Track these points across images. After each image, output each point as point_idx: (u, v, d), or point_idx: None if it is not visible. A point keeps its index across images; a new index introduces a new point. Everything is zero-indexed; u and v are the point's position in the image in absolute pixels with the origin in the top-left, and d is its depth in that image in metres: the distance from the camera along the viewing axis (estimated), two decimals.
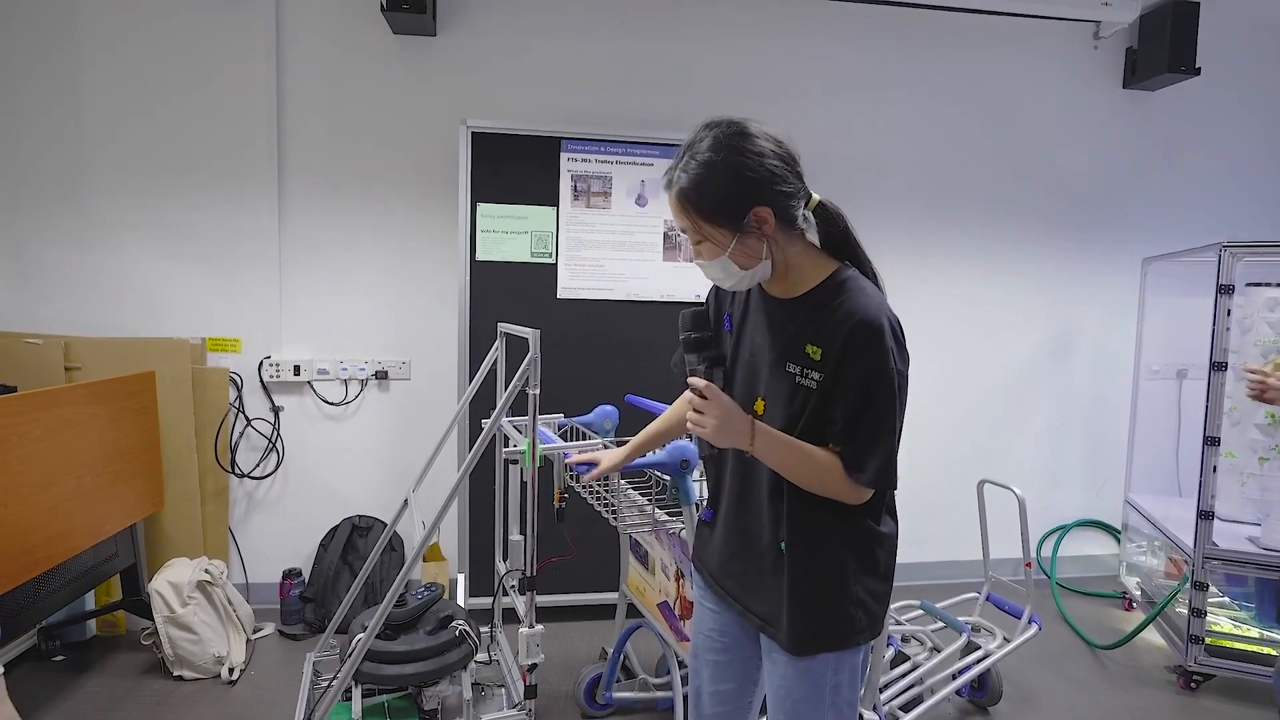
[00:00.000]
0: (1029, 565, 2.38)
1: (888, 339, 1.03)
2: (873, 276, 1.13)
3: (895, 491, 1.14)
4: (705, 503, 1.33)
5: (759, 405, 1.16)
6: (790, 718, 1.18)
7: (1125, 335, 3.35)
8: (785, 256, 1.11)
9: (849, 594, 1.13)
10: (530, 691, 1.73)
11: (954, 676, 2.21)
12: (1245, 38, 3.43)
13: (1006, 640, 2.33)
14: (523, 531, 1.81)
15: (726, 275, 1.12)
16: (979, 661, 2.25)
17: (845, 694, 1.18)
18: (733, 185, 1.05)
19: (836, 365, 1.05)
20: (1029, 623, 2.33)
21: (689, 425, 1.10)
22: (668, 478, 1.69)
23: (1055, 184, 3.40)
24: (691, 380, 1.09)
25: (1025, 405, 3.47)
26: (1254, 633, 2.59)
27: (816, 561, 1.12)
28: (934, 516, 3.33)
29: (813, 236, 1.15)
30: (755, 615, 1.20)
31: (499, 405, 1.76)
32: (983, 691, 2.35)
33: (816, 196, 1.12)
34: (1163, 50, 3.15)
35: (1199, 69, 3.13)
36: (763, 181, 1.05)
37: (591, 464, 1.58)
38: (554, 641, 2.63)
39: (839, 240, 1.14)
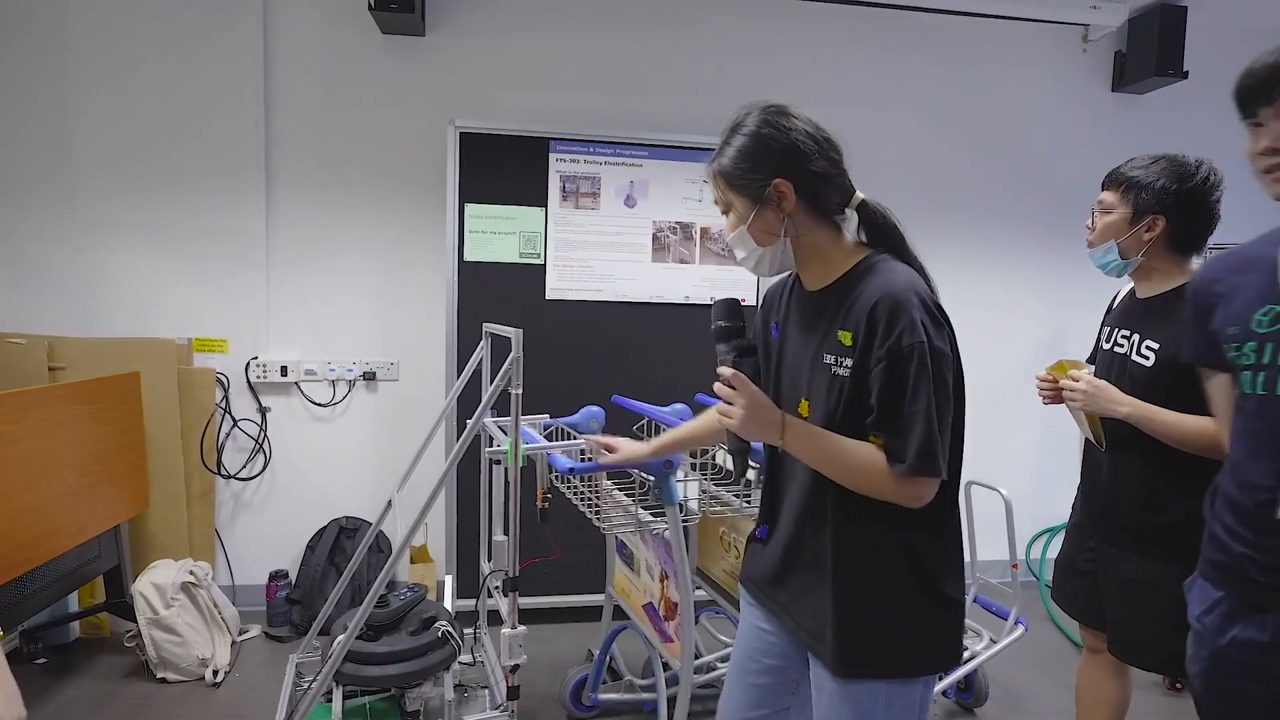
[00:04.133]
0: (1015, 566, 2.38)
1: (916, 313, 0.98)
2: (919, 269, 1.09)
3: (954, 492, 1.06)
4: (759, 519, 1.27)
5: (803, 406, 1.11)
6: None
7: None
8: (813, 242, 1.10)
9: (902, 617, 1.05)
10: (513, 692, 1.72)
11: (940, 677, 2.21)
12: (1232, 42, 3.44)
13: (993, 641, 2.33)
14: (506, 532, 1.80)
15: (746, 252, 1.12)
16: (966, 662, 2.25)
17: None
18: (756, 153, 1.08)
19: (865, 347, 1.00)
20: (1015, 624, 2.33)
21: (718, 417, 1.08)
22: (651, 478, 1.69)
23: (1046, 186, 3.41)
24: (720, 370, 1.05)
25: (1017, 408, 3.47)
26: None
27: (865, 575, 1.05)
28: None
29: (852, 233, 1.14)
30: (804, 630, 1.12)
31: (481, 404, 1.75)
32: (969, 692, 2.35)
33: (861, 195, 1.12)
34: (1150, 54, 3.16)
35: (1186, 72, 3.15)
36: (786, 153, 1.07)
37: (606, 450, 1.57)
38: (541, 643, 2.62)
39: (883, 235, 1.11)
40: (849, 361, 1.03)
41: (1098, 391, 1.53)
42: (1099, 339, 1.74)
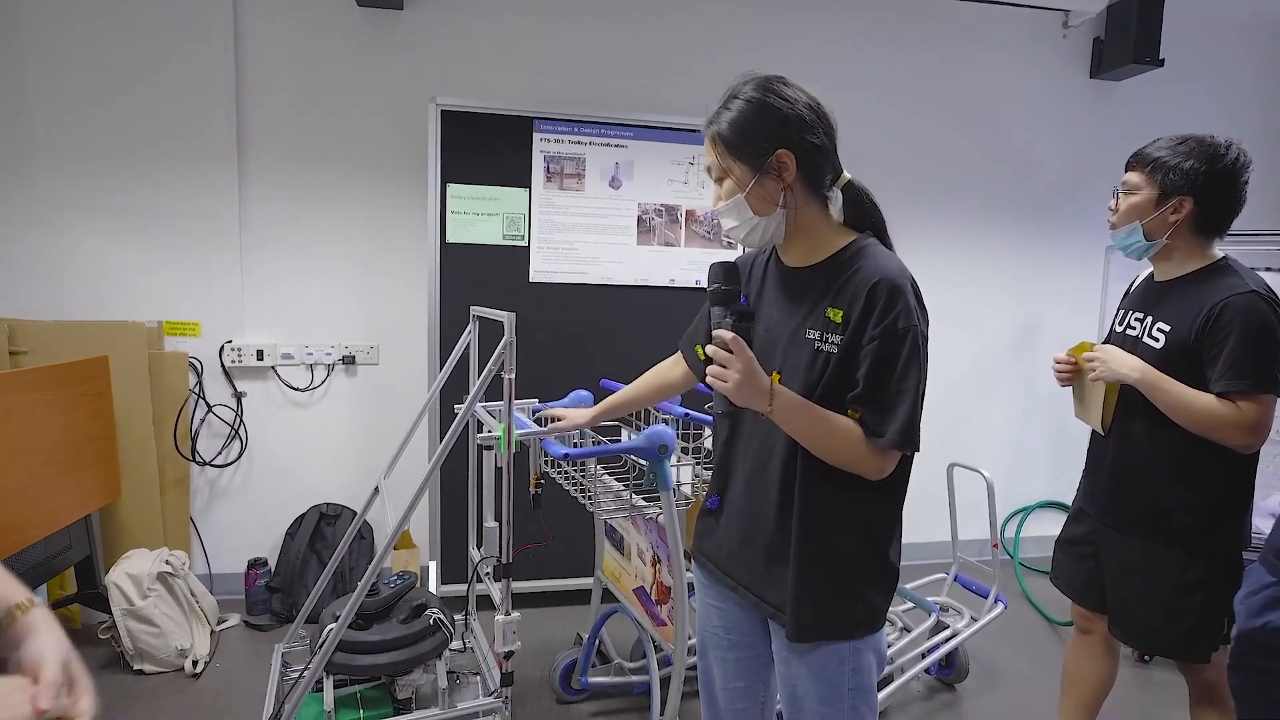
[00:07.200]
0: (996, 546, 2.43)
1: (909, 297, 1.03)
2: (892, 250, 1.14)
3: (911, 461, 1.11)
4: (709, 490, 1.28)
5: (774, 379, 1.13)
6: None
7: (1089, 322, 3.43)
8: (805, 217, 1.11)
9: (856, 582, 1.11)
10: (507, 679, 1.71)
11: (923, 655, 2.26)
12: (1207, 31, 3.51)
13: (974, 619, 2.38)
14: (498, 518, 1.78)
15: (739, 221, 1.11)
16: (947, 640, 2.30)
17: (868, 699, 1.13)
18: (760, 121, 1.06)
19: (858, 326, 1.03)
20: (995, 602, 2.39)
21: (709, 380, 1.06)
22: (645, 463, 1.68)
23: (1023, 172, 3.45)
24: (717, 332, 1.04)
25: (991, 391, 3.54)
26: None
27: (825, 541, 1.09)
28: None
29: (837, 212, 1.15)
30: (769, 604, 1.15)
31: (473, 390, 1.72)
32: (950, 669, 2.40)
33: (848, 175, 1.13)
34: (1128, 41, 3.20)
35: (1162, 60, 3.20)
36: (790, 122, 1.06)
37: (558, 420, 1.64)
38: (529, 627, 2.62)
39: (864, 216, 1.14)
40: (838, 338, 1.05)
41: (1108, 356, 1.54)
42: (1113, 322, 1.71)
